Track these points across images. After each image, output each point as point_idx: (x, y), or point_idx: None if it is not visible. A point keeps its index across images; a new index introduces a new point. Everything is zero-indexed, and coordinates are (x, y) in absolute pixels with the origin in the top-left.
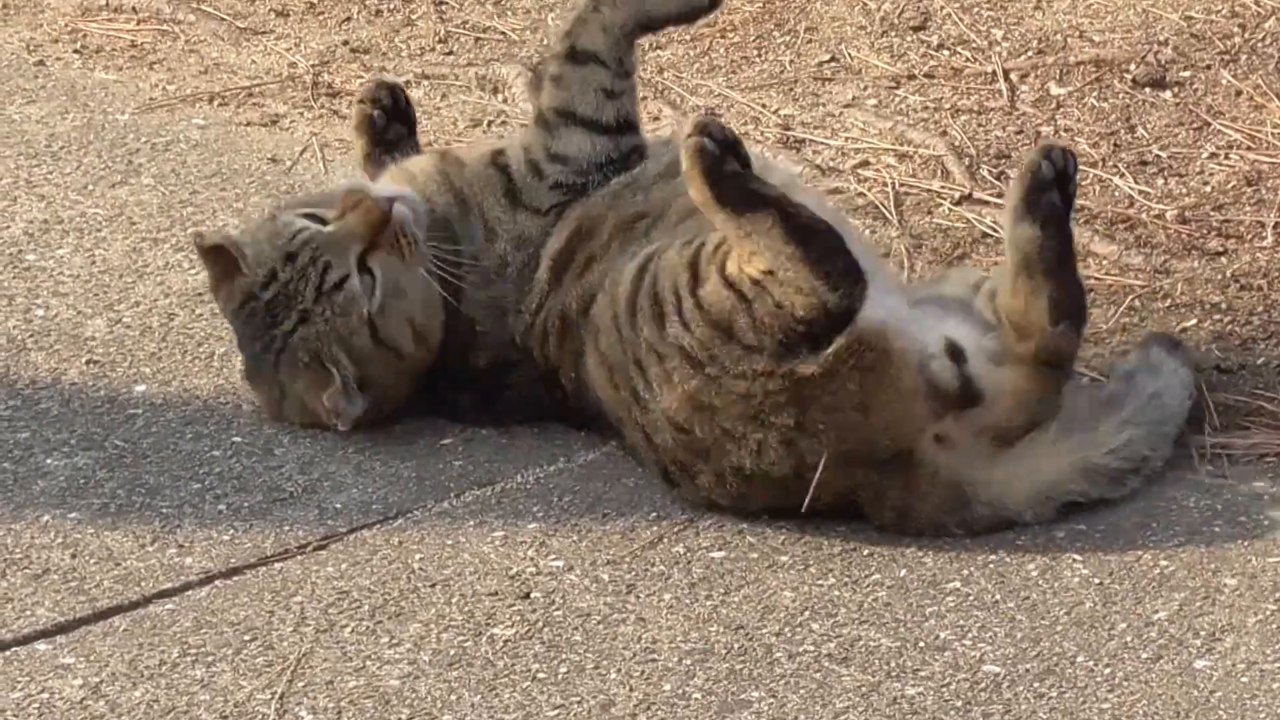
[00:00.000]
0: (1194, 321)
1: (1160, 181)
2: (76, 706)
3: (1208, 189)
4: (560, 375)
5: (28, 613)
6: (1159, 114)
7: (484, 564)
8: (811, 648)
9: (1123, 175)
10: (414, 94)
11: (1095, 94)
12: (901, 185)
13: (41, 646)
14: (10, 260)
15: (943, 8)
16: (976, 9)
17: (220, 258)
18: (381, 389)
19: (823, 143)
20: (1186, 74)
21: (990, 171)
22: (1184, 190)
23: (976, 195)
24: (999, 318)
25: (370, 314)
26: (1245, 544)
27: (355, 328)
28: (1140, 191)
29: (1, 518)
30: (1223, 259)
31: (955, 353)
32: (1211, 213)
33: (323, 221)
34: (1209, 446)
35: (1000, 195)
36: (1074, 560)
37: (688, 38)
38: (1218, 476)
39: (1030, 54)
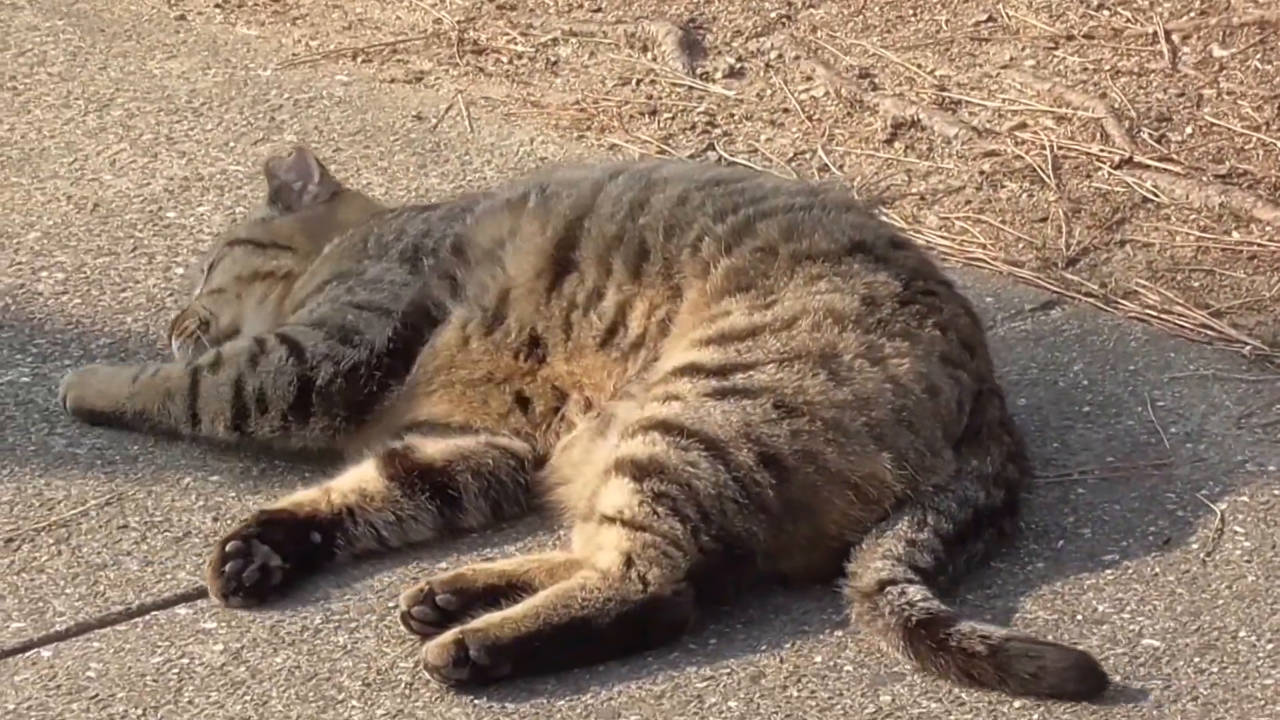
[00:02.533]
0: None
1: None
2: (217, 672)
3: None
4: None
5: (169, 576)
6: None
7: None
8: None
9: None
10: (561, 51)
11: (1259, 56)
12: (1060, 148)
13: (182, 610)
14: (150, 218)
15: None
16: None
17: None
18: None
19: (979, 104)
20: None
21: (1151, 135)
22: None
23: (1137, 159)
24: None
25: None
26: None
27: None
28: None
29: (143, 480)
30: None
31: None
32: None
33: None
34: None
35: (1162, 159)
36: (1236, 533)
37: None
38: None
39: (1192, 14)
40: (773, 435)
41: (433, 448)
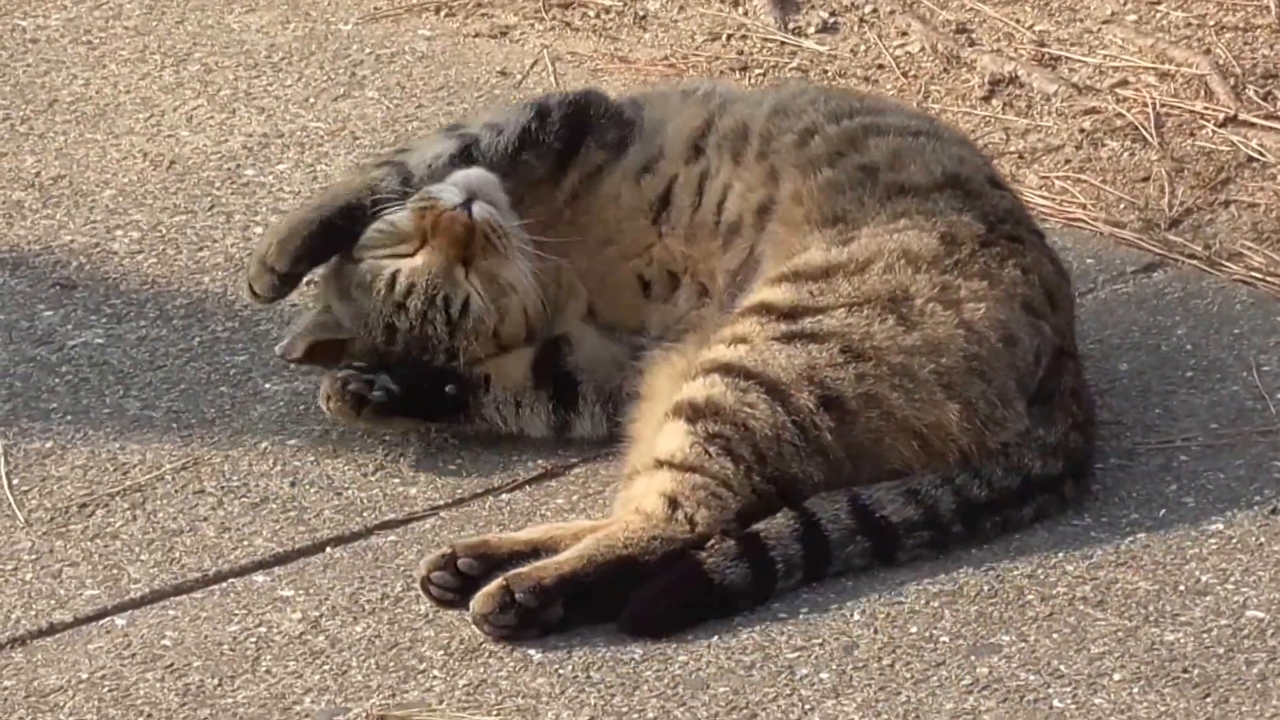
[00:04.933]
0: None
1: None
2: (295, 641)
3: None
4: None
5: (245, 543)
6: None
7: None
8: (1065, 590)
9: None
10: (650, 5)
11: None
12: (1162, 106)
13: (259, 578)
14: (229, 176)
15: None
16: None
17: (320, 350)
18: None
19: (1080, 60)
20: None
21: (1257, 92)
22: None
23: (1242, 117)
24: None
25: (494, 323)
26: None
27: (486, 336)
28: None
29: (219, 444)
30: None
31: None
32: None
33: (406, 255)
34: None
35: (1268, 117)
36: None
37: None
38: None
39: None
40: (836, 379)
41: (576, 355)
